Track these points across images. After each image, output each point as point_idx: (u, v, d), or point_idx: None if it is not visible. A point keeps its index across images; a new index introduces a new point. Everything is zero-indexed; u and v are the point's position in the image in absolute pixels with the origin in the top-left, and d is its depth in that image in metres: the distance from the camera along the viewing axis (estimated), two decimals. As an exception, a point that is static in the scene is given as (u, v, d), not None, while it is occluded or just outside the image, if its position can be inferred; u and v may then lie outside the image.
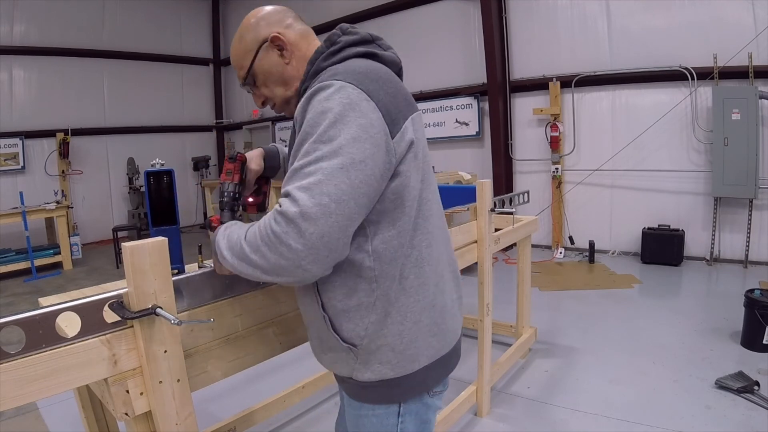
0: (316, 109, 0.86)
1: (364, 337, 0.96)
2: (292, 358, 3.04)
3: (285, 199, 0.83)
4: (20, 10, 7.22)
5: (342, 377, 1.05)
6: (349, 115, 0.84)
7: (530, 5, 5.78)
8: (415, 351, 0.97)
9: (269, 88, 1.09)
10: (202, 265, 1.41)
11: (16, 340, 0.90)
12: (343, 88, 0.87)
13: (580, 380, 2.69)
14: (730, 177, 4.58)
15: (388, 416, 1.01)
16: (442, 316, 1.02)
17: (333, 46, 1.01)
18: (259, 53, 1.06)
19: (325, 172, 0.81)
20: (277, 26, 1.06)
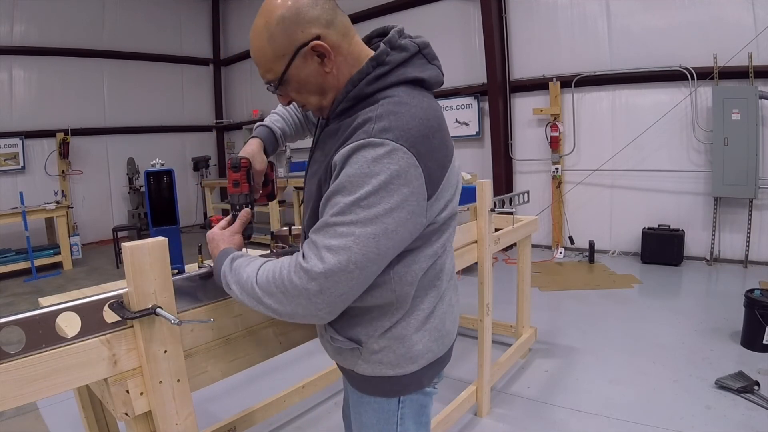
0: (362, 168, 0.82)
1: (370, 338, 1.00)
2: (292, 358, 3.05)
3: (311, 251, 0.84)
4: (20, 10, 7.21)
5: (345, 368, 1.10)
6: (393, 183, 0.82)
7: (530, 5, 5.78)
8: (415, 354, 1.01)
9: (302, 95, 0.97)
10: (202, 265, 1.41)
11: (16, 340, 0.90)
12: (394, 152, 0.82)
13: (580, 380, 2.69)
14: (730, 177, 4.58)
15: (389, 403, 1.06)
16: (443, 322, 1.06)
17: (379, 68, 0.92)
18: (294, 60, 0.91)
19: (357, 239, 0.81)
20: (317, 26, 0.89)
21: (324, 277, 0.82)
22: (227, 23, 9.96)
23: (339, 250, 0.81)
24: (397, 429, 1.07)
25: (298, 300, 0.85)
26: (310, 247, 0.85)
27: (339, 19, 0.93)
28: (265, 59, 0.93)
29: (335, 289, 0.83)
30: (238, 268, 0.95)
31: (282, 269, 0.87)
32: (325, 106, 0.99)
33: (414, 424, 1.09)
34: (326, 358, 3.02)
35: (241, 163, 1.14)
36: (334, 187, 0.85)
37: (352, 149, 0.84)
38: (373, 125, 0.85)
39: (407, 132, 0.85)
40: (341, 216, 0.83)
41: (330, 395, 2.64)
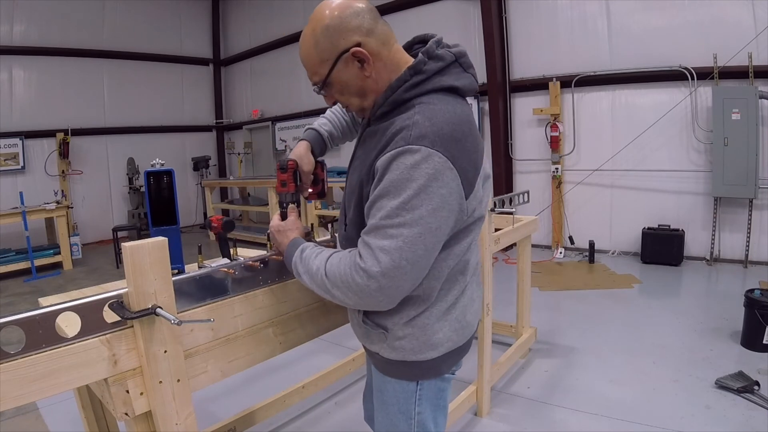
0: (403, 174, 0.91)
1: (395, 325, 1.09)
2: (292, 358, 3.06)
3: (366, 252, 0.94)
4: (20, 10, 7.22)
5: (371, 351, 1.18)
6: (432, 185, 0.91)
7: (530, 5, 5.78)
8: (436, 342, 1.09)
9: (345, 96, 1.08)
10: (202, 265, 1.41)
11: (16, 340, 0.90)
12: (430, 157, 0.90)
13: (580, 380, 2.69)
14: (730, 177, 4.58)
15: (408, 386, 1.14)
16: (464, 314, 1.14)
17: (416, 76, 1.00)
18: (337, 64, 1.00)
19: (406, 239, 0.91)
20: (357, 33, 0.98)
21: (381, 275, 0.92)
22: (227, 23, 9.96)
23: (392, 251, 0.91)
24: (415, 410, 1.15)
25: (360, 295, 0.95)
26: (365, 249, 0.95)
27: (380, 28, 1.02)
28: (311, 63, 1.04)
29: (392, 284, 0.93)
30: (308, 259, 1.07)
31: (346, 266, 0.97)
32: (366, 107, 1.08)
33: (431, 406, 1.17)
34: (326, 358, 3.03)
35: (288, 164, 1.24)
36: (380, 191, 0.94)
37: (392, 156, 0.93)
38: (410, 132, 0.93)
39: (441, 138, 0.93)
40: (389, 219, 0.92)
41: (330, 395, 2.64)
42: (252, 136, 9.69)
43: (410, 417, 1.15)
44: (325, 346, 3.23)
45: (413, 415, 1.15)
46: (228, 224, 1.53)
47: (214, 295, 1.22)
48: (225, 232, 1.53)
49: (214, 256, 1.79)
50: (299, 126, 8.54)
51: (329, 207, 6.31)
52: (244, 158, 9.45)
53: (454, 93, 1.04)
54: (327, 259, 1.03)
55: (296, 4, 8.29)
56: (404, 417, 1.16)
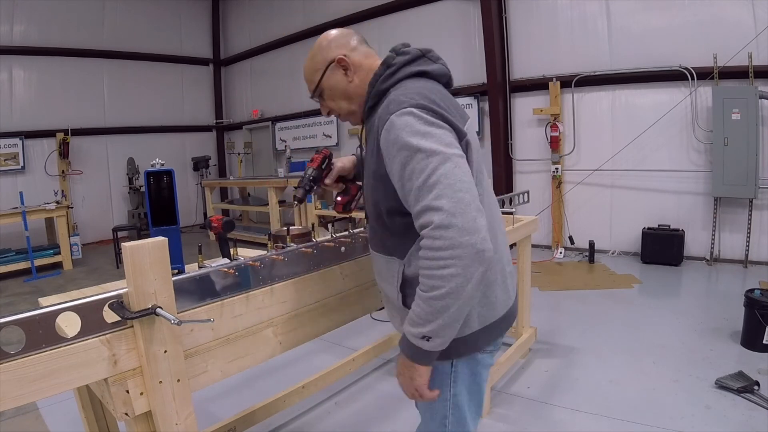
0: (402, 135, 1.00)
1: None
2: (292, 358, 3.06)
3: (426, 215, 0.95)
4: (20, 10, 7.22)
5: None
6: (429, 129, 1.00)
7: (530, 5, 5.78)
8: (467, 319, 1.10)
9: (335, 101, 1.24)
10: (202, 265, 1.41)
11: (16, 340, 0.90)
12: (411, 112, 1.01)
13: (580, 380, 2.69)
14: (730, 177, 4.58)
15: (444, 366, 1.17)
16: (491, 289, 1.16)
17: (389, 68, 1.15)
18: (326, 72, 1.21)
19: (445, 175, 0.95)
20: (343, 49, 1.20)
21: (451, 216, 0.92)
22: (227, 23, 9.96)
23: (442, 195, 0.94)
24: (450, 391, 1.19)
25: (454, 254, 0.92)
26: (426, 213, 0.96)
27: (363, 47, 1.24)
28: (308, 74, 1.25)
29: (466, 219, 0.93)
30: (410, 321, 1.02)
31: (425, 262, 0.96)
32: (355, 110, 1.23)
33: (465, 388, 1.20)
34: (326, 358, 3.03)
35: (323, 150, 1.40)
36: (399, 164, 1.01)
37: (385, 132, 1.03)
38: (389, 108, 1.06)
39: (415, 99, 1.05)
40: (420, 174, 0.97)
41: (330, 395, 2.64)
42: (252, 136, 9.69)
43: (446, 398, 1.19)
44: (325, 346, 3.23)
45: (449, 396, 1.19)
46: (228, 224, 1.53)
47: (214, 295, 1.22)
48: (225, 232, 1.53)
49: (214, 256, 1.79)
50: (299, 126, 8.55)
51: (329, 207, 6.31)
52: (244, 158, 9.45)
53: (426, 76, 1.17)
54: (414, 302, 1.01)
55: (296, 4, 8.30)
56: (440, 398, 1.18)
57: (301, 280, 1.44)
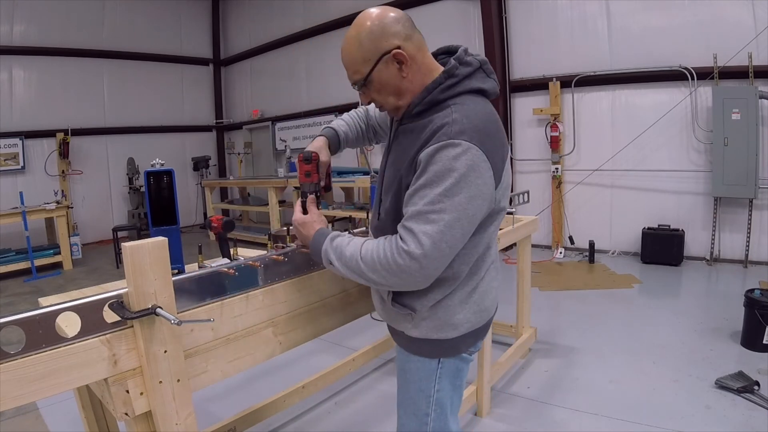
0: (445, 165, 1.01)
1: (423, 307, 1.18)
2: (292, 358, 3.06)
3: (409, 236, 1.02)
4: (20, 10, 7.22)
5: (396, 330, 1.28)
6: (470, 176, 1.01)
7: (530, 5, 5.78)
8: (457, 322, 1.19)
9: (382, 95, 1.15)
10: (202, 265, 1.41)
11: (16, 340, 0.90)
12: (469, 150, 1.01)
13: (580, 380, 2.69)
14: (730, 177, 4.58)
15: (430, 363, 1.23)
16: (483, 298, 1.23)
17: (450, 79, 1.11)
18: (378, 64, 1.10)
19: (447, 224, 1.01)
20: (398, 38, 1.09)
21: (423, 257, 1.01)
22: (227, 23, 9.96)
23: (433, 234, 1.00)
24: (434, 387, 1.24)
25: (400, 276, 1.04)
26: (407, 233, 1.03)
27: (416, 36, 1.13)
28: (354, 63, 1.12)
29: (432, 265, 1.03)
30: (340, 246, 1.14)
31: (385, 251, 1.05)
32: (401, 106, 1.16)
33: (449, 384, 1.26)
34: (326, 358, 3.03)
35: (313, 156, 1.32)
36: (423, 181, 1.03)
37: (435, 149, 1.02)
38: (451, 128, 1.03)
39: (478, 133, 1.04)
40: (432, 205, 1.01)
41: (330, 395, 2.64)
42: (252, 136, 9.68)
43: (429, 395, 1.24)
44: (325, 346, 3.23)
45: (432, 393, 1.24)
46: (228, 224, 1.53)
47: (214, 295, 1.22)
48: (225, 232, 1.53)
49: (214, 256, 1.79)
50: (299, 126, 8.54)
51: (329, 207, 6.31)
52: (244, 158, 9.45)
53: (482, 95, 1.16)
54: (361, 246, 1.11)
55: (296, 4, 8.30)
56: (423, 395, 1.24)
57: (301, 280, 1.44)
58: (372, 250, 1.08)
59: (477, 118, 1.06)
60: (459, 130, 1.02)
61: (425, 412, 1.24)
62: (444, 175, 1.00)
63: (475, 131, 1.03)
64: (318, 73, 8.17)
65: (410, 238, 1.02)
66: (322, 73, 8.04)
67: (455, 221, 1.01)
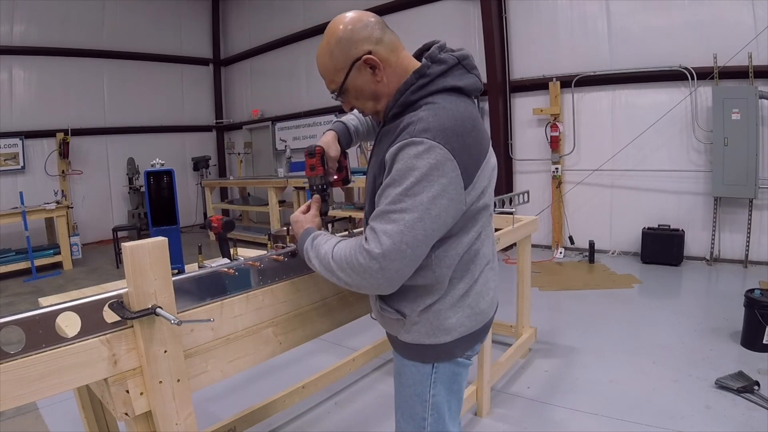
0: (407, 163, 0.99)
1: (413, 311, 1.16)
2: (292, 358, 3.06)
3: (371, 236, 1.02)
4: (20, 10, 7.21)
5: (390, 335, 1.27)
6: (433, 174, 0.98)
7: (530, 5, 5.78)
8: (450, 327, 1.16)
9: (360, 101, 1.17)
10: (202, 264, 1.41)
11: (16, 340, 0.90)
12: (432, 149, 0.99)
13: (580, 380, 2.69)
14: (730, 177, 4.58)
15: (424, 368, 1.21)
16: (478, 301, 1.19)
17: (421, 79, 1.08)
18: (351, 72, 1.10)
19: (407, 223, 0.99)
20: (367, 43, 1.08)
21: (382, 257, 0.99)
22: (227, 23, 9.96)
23: (393, 234, 0.99)
24: (430, 392, 1.21)
25: (363, 275, 1.02)
26: (370, 233, 1.02)
27: (387, 37, 1.11)
28: (328, 72, 1.14)
29: (392, 266, 1.00)
30: (318, 245, 1.14)
31: (351, 249, 1.04)
32: (380, 110, 1.16)
33: (445, 389, 1.23)
34: (326, 358, 3.03)
35: (316, 150, 1.33)
36: (387, 181, 1.03)
37: (398, 148, 1.01)
38: (415, 127, 1.02)
39: (443, 131, 1.01)
40: (393, 205, 1.00)
41: (330, 395, 2.64)
42: (252, 136, 9.68)
43: (425, 399, 1.22)
44: (325, 346, 3.23)
45: (428, 397, 1.22)
46: (228, 224, 1.53)
47: (214, 295, 1.22)
48: (225, 232, 1.53)
49: (214, 256, 1.79)
50: (299, 126, 8.54)
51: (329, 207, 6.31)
52: (244, 158, 9.45)
53: (459, 92, 1.12)
54: (335, 245, 1.11)
55: (296, 4, 8.30)
56: (419, 399, 1.22)
57: (301, 280, 1.44)
58: (342, 248, 1.07)
59: (446, 116, 1.03)
60: (423, 128, 1.00)
61: (422, 416, 1.22)
62: (405, 173, 0.99)
63: (440, 129, 1.00)
64: (318, 73, 8.13)
65: (372, 237, 1.01)
66: (322, 73, 8.04)
67: (416, 221, 0.98)
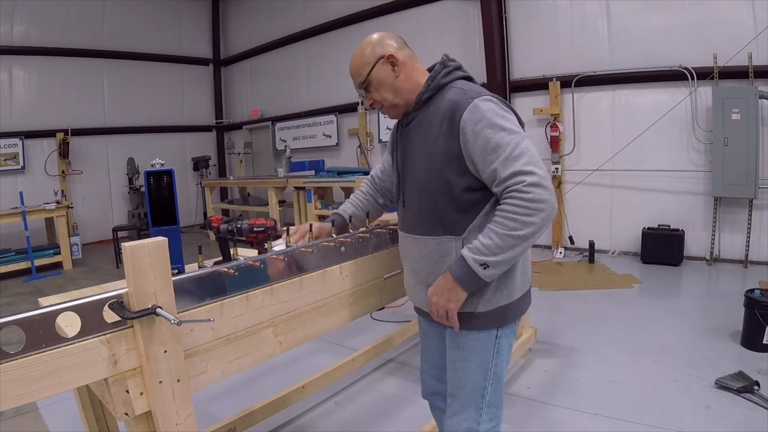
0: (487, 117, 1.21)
1: None
2: (292, 358, 3.06)
3: (519, 178, 1.15)
4: (20, 10, 7.22)
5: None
6: (506, 114, 1.24)
7: (530, 5, 5.78)
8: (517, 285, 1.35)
9: (380, 93, 1.37)
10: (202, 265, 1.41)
11: (16, 340, 0.90)
12: (491, 99, 1.25)
13: (580, 380, 2.69)
14: (730, 177, 4.58)
15: (489, 338, 1.34)
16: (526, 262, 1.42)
17: (445, 68, 1.36)
18: (376, 66, 1.35)
19: (527, 150, 1.18)
20: (390, 48, 1.36)
21: (543, 180, 1.15)
22: (227, 23, 9.96)
23: (529, 162, 1.16)
24: (492, 361, 1.34)
25: (539, 209, 1.15)
26: (517, 176, 1.15)
27: (407, 50, 1.40)
28: (357, 67, 1.39)
29: (548, 184, 1.17)
30: (479, 247, 1.19)
31: (512, 205, 1.16)
32: (398, 104, 1.38)
33: (504, 358, 1.37)
34: (326, 358, 3.02)
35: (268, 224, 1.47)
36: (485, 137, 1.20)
37: (471, 111, 1.22)
38: (467, 93, 1.27)
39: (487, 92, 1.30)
40: (508, 147, 1.17)
41: (330, 395, 2.64)
42: (252, 136, 9.69)
43: (487, 368, 1.34)
44: (325, 346, 3.23)
45: (490, 366, 1.34)
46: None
47: (214, 295, 1.22)
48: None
49: (214, 256, 1.79)
50: (299, 126, 8.55)
51: (329, 207, 6.31)
52: (244, 158, 9.45)
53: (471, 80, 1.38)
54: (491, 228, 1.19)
55: (296, 4, 8.30)
56: (481, 369, 1.34)
57: (301, 280, 1.44)
58: (502, 218, 1.17)
59: (479, 88, 1.31)
60: (477, 92, 1.26)
61: (482, 385, 1.34)
62: (494, 122, 1.19)
63: (482, 91, 1.28)
64: (318, 74, 8.17)
65: (521, 177, 1.15)
66: (322, 74, 8.04)
67: (529, 146, 1.19)
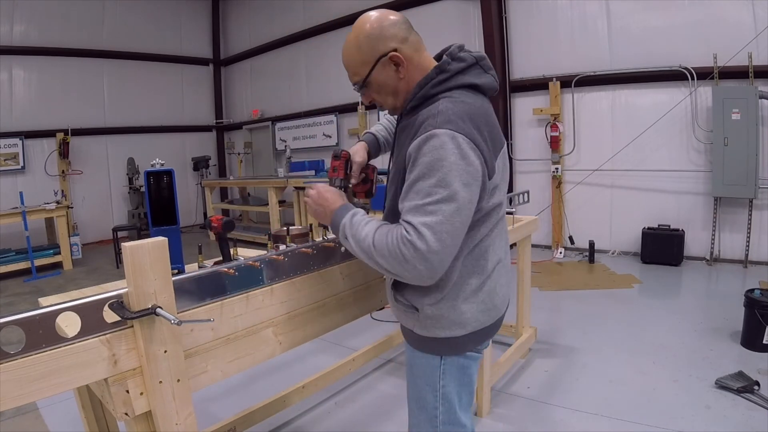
0: (433, 155, 1.02)
1: (425, 305, 1.18)
2: (292, 358, 3.06)
3: (411, 230, 1.02)
4: (20, 10, 7.22)
5: (405, 327, 1.29)
6: (461, 163, 1.02)
7: (530, 5, 5.78)
8: (465, 321, 1.19)
9: (381, 95, 1.21)
10: (202, 264, 1.41)
11: (16, 340, 0.90)
12: (455, 138, 1.03)
13: (580, 380, 2.69)
14: (730, 177, 4.58)
15: (433, 359, 1.24)
16: (491, 297, 1.22)
17: (441, 74, 1.13)
18: (376, 66, 1.14)
19: (445, 214, 1.01)
20: (395, 41, 1.13)
21: (426, 249, 1.00)
22: (227, 23, 9.96)
23: (433, 225, 1.01)
24: (440, 383, 1.24)
25: (405, 266, 1.03)
26: (408, 225, 1.03)
27: (412, 37, 1.16)
28: (353, 65, 1.17)
29: (435, 258, 1.01)
30: (357, 225, 1.12)
31: (394, 238, 1.04)
32: (398, 106, 1.22)
33: (455, 381, 1.25)
34: (326, 358, 3.03)
35: (342, 154, 1.38)
36: (416, 175, 1.04)
37: (422, 141, 1.04)
38: (436, 119, 1.05)
39: (464, 123, 1.05)
40: (428, 197, 1.02)
41: (330, 395, 2.64)
42: (252, 136, 9.68)
43: (435, 389, 1.25)
44: (325, 346, 3.23)
45: (438, 387, 1.25)
46: (228, 224, 1.53)
47: (214, 295, 1.22)
48: (225, 232, 1.53)
49: (214, 256, 1.79)
50: (299, 126, 8.55)
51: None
52: (244, 158, 9.45)
53: (476, 90, 1.17)
54: (376, 229, 1.09)
55: (296, 4, 8.30)
56: (430, 389, 1.26)
57: (301, 280, 1.44)
58: (384, 234, 1.07)
59: (465, 109, 1.08)
60: (444, 120, 1.04)
61: (434, 405, 1.26)
62: (434, 165, 1.01)
63: (461, 121, 1.05)
64: (318, 73, 8.17)
65: (412, 230, 1.02)
66: (322, 73, 8.04)
67: (454, 211, 1.02)
